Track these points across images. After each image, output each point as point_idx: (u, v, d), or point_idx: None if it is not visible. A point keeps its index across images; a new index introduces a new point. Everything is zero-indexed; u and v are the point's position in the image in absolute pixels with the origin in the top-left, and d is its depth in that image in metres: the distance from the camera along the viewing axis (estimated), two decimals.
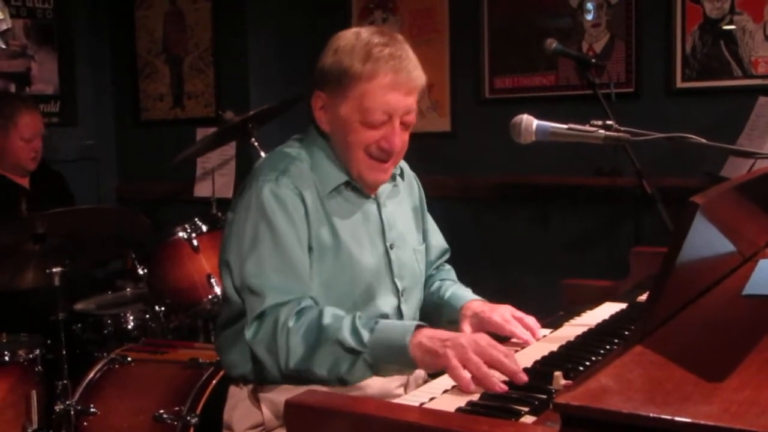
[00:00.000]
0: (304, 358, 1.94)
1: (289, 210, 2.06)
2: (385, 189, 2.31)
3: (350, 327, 1.91)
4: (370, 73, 2.06)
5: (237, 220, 2.12)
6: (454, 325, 2.31)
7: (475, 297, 2.38)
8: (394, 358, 1.87)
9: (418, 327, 1.88)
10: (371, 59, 2.06)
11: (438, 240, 2.55)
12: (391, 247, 2.25)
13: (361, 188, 2.22)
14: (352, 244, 2.16)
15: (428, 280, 2.51)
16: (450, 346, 1.78)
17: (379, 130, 2.11)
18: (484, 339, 1.81)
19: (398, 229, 2.31)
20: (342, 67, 2.09)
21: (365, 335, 1.89)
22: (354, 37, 2.12)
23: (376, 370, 1.92)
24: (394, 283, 2.25)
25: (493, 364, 1.74)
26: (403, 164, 2.41)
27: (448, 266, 2.59)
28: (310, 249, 2.10)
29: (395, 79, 2.07)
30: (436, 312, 2.42)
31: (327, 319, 1.94)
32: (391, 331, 1.89)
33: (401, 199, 2.38)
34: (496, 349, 1.78)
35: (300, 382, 1.98)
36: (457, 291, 2.42)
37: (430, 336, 1.84)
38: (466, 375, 1.73)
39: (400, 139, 2.14)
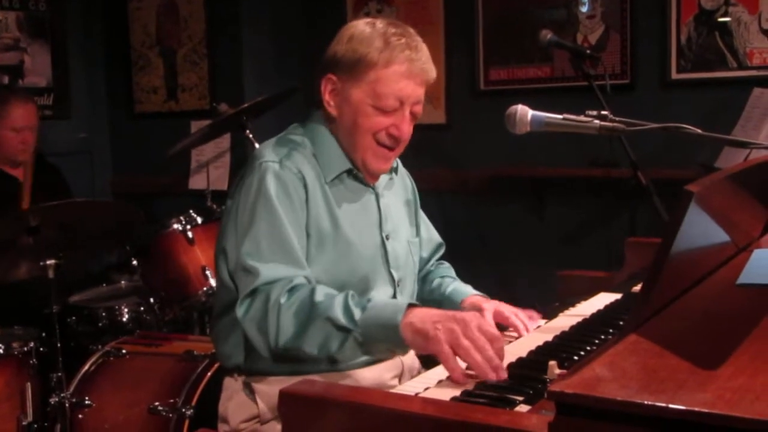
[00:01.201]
0: (294, 335, 1.93)
1: (290, 192, 2.07)
2: (382, 180, 2.31)
3: (342, 304, 1.90)
4: (386, 60, 2.08)
5: (237, 205, 2.12)
6: None
7: (477, 292, 2.39)
8: (384, 336, 1.86)
9: (410, 306, 1.86)
10: (389, 47, 2.09)
11: (432, 235, 2.56)
12: (387, 238, 2.26)
13: (362, 177, 2.22)
14: (351, 232, 2.16)
15: (427, 276, 2.52)
16: (441, 328, 1.77)
17: (390, 117, 2.12)
18: (474, 320, 1.78)
19: (394, 221, 2.31)
20: (357, 54, 2.10)
21: (357, 313, 1.88)
22: (368, 26, 2.14)
23: (367, 348, 1.92)
24: (390, 273, 2.25)
25: (478, 351, 1.73)
26: (397, 160, 2.41)
27: (446, 263, 2.60)
28: (308, 236, 2.09)
29: (410, 68, 2.10)
30: (437, 308, 2.41)
31: (319, 297, 1.93)
32: (383, 310, 1.88)
33: (396, 192, 2.39)
34: (485, 333, 1.75)
35: (289, 361, 1.98)
36: (458, 287, 2.43)
37: (421, 316, 1.82)
38: (458, 366, 1.72)
39: (408, 128, 2.17)
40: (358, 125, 2.14)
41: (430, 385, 1.74)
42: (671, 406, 1.12)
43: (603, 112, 2.11)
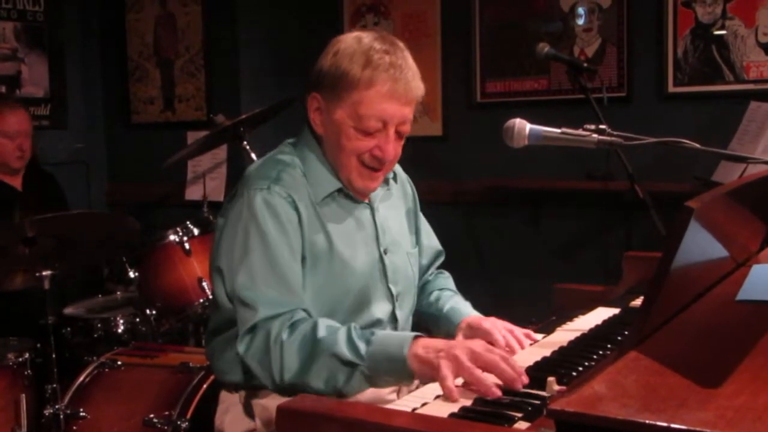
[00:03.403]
0: (299, 371, 1.91)
1: (282, 219, 2.04)
2: (378, 193, 2.29)
3: (346, 339, 1.88)
4: (368, 81, 2.03)
5: (228, 228, 2.10)
6: (451, 338, 2.30)
7: (474, 312, 2.36)
8: (391, 369, 1.85)
9: (415, 338, 1.85)
10: (371, 66, 2.03)
11: (432, 242, 2.53)
12: (386, 252, 2.24)
13: (353, 195, 2.21)
14: (345, 250, 2.14)
15: (425, 286, 2.49)
16: (444, 356, 1.76)
17: (374, 138, 2.08)
18: (479, 345, 1.79)
19: (392, 234, 2.29)
20: (340, 72, 2.06)
21: (362, 347, 1.86)
22: (355, 41, 2.09)
23: (373, 382, 1.89)
24: (389, 289, 2.23)
25: (489, 369, 1.73)
26: (396, 167, 2.38)
27: (446, 273, 2.56)
28: (303, 258, 2.07)
29: (393, 89, 2.04)
30: (434, 324, 2.39)
31: (322, 332, 1.91)
32: (389, 343, 1.86)
33: (394, 202, 2.37)
34: (493, 353, 1.76)
35: (295, 395, 1.96)
36: (456, 305, 2.38)
37: (425, 346, 1.81)
38: (454, 387, 1.71)
39: (394, 148, 2.12)
40: (342, 146, 2.10)
41: (428, 401, 1.73)
42: (672, 425, 1.11)
43: (601, 126, 2.11)
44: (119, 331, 3.83)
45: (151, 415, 2.91)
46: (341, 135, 2.09)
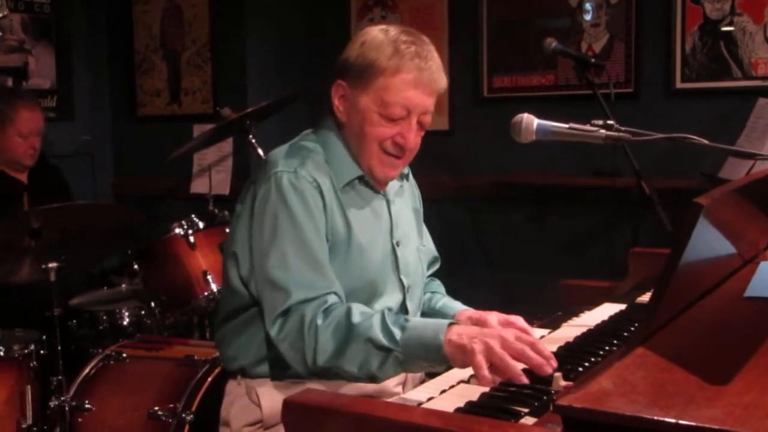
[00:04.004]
0: (334, 355, 1.92)
1: (309, 202, 2.06)
2: (393, 187, 2.32)
3: (380, 325, 1.90)
4: (394, 68, 2.08)
5: (248, 212, 2.11)
6: None
7: (466, 308, 2.38)
8: (425, 355, 1.85)
9: (449, 324, 1.86)
10: (398, 55, 2.08)
11: (430, 247, 2.55)
12: (398, 245, 2.26)
13: (373, 184, 2.23)
14: (363, 238, 2.16)
15: None
16: (477, 342, 1.76)
17: (396, 125, 2.12)
18: (510, 333, 1.79)
19: (404, 228, 2.32)
20: (367, 60, 2.10)
21: (397, 333, 1.87)
22: (382, 33, 2.14)
23: (406, 366, 1.91)
24: (401, 280, 2.25)
25: (517, 358, 1.72)
26: (408, 168, 2.40)
27: (437, 281, 2.59)
28: (327, 241, 2.09)
29: (418, 77, 2.09)
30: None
31: (356, 318, 1.92)
32: (424, 329, 1.87)
33: (406, 200, 2.40)
34: (522, 340, 1.75)
35: (327, 378, 1.99)
36: (449, 302, 2.44)
37: (459, 333, 1.82)
38: (488, 376, 1.71)
39: (415, 138, 2.16)
40: (365, 133, 2.13)
41: (433, 395, 1.73)
42: (681, 422, 1.11)
43: (609, 122, 2.11)
44: (124, 323, 3.84)
45: (156, 408, 2.91)
46: (365, 122, 2.12)
